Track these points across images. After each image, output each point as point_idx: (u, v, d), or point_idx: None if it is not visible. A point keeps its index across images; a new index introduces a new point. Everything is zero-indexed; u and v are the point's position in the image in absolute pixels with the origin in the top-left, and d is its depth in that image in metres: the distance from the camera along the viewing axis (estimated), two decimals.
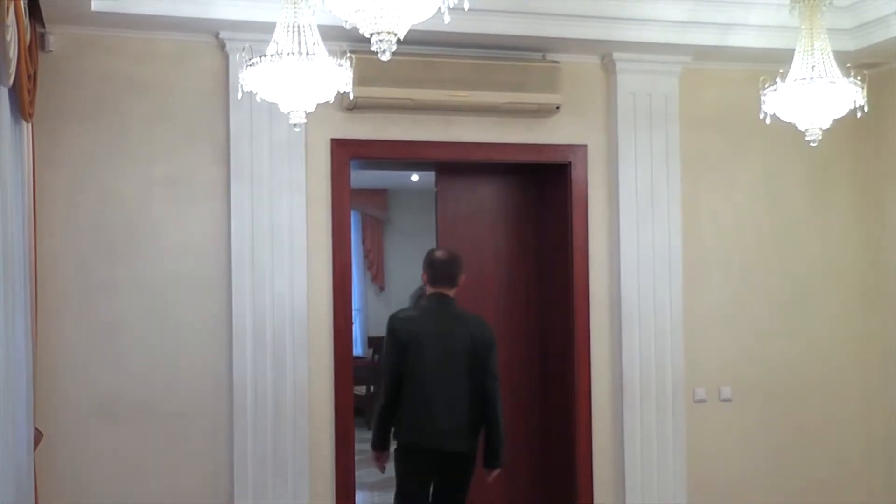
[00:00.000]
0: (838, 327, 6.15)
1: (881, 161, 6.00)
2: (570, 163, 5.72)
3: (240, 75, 3.69)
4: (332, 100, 3.85)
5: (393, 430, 4.96)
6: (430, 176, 8.86)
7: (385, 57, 2.97)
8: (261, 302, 5.14)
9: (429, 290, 5.03)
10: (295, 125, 3.85)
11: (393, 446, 5.03)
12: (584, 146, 5.73)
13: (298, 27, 3.61)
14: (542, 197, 6.17)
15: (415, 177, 10.90)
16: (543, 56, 5.58)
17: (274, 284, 5.15)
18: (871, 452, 6.12)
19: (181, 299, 5.11)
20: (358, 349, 12.21)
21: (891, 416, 6.01)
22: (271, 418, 5.13)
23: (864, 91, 4.04)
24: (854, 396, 6.17)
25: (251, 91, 3.72)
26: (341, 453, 5.35)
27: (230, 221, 5.13)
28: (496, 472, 5.00)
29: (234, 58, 4.91)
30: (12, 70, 3.58)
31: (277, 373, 5.15)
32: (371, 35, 2.95)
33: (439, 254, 5.13)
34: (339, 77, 3.67)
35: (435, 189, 6.50)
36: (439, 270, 5.02)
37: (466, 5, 2.82)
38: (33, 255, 4.48)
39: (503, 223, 6.40)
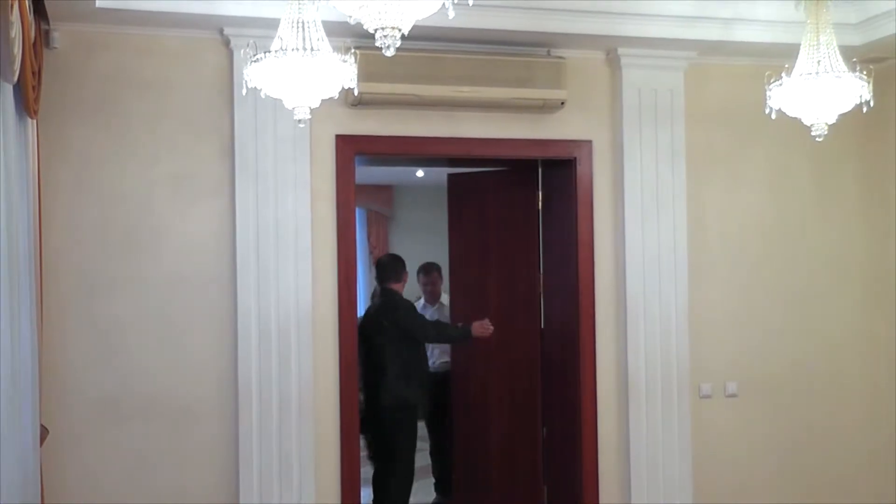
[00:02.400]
0: (844, 322, 6.14)
1: (887, 156, 5.99)
2: (575, 158, 5.71)
3: (244, 71, 3.68)
4: (336, 96, 3.84)
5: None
6: (436, 172, 9.01)
7: (389, 53, 2.97)
8: (266, 299, 5.13)
9: (380, 287, 6.69)
10: (300, 121, 3.84)
11: None
12: (590, 142, 5.72)
13: (303, 23, 3.60)
14: (547, 192, 6.16)
15: (420, 173, 10.89)
16: (548, 51, 5.57)
17: (279, 281, 5.15)
18: (877, 446, 6.11)
19: (186, 296, 5.11)
20: None
21: None
22: (276, 415, 5.12)
23: (870, 86, 4.03)
24: (860, 392, 6.16)
25: (255, 87, 3.72)
26: (346, 450, 5.34)
27: (235, 218, 5.12)
28: (478, 331, 6.25)
29: (239, 54, 4.91)
30: (16, 67, 3.59)
31: (283, 369, 5.14)
32: (375, 31, 2.94)
33: (384, 259, 6.96)
34: (343, 73, 3.66)
35: (447, 185, 6.62)
36: (383, 271, 6.67)
37: (471, 1, 2.81)
38: (38, 252, 4.48)
39: (508, 219, 6.41)
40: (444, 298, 7.58)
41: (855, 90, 4.02)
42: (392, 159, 6.76)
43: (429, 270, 7.78)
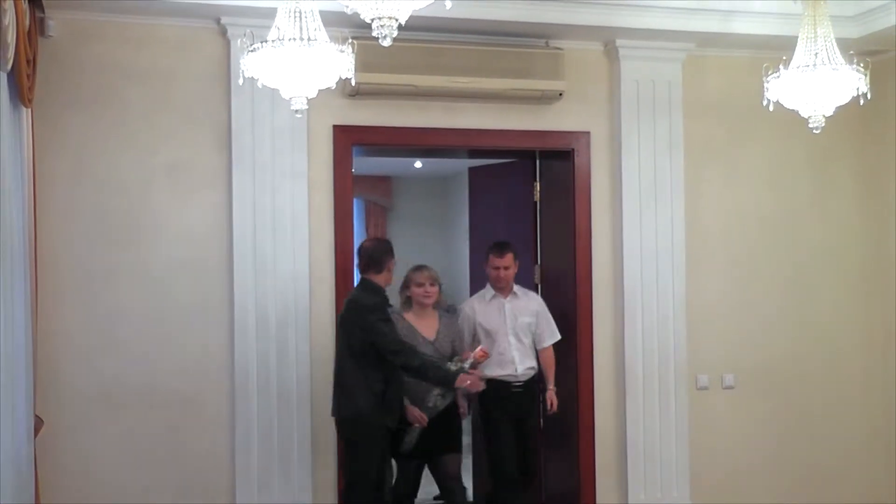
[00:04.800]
0: (841, 314, 6.14)
1: (883, 148, 5.98)
2: (573, 149, 5.70)
3: (241, 61, 3.68)
4: (333, 86, 3.84)
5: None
6: (435, 163, 9.02)
7: (386, 42, 2.97)
8: (263, 289, 5.12)
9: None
10: (297, 111, 3.84)
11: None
12: (588, 133, 5.71)
13: (300, 13, 3.59)
14: (545, 184, 6.15)
15: (418, 164, 10.86)
16: (547, 43, 5.55)
17: (276, 271, 5.14)
18: (873, 439, 6.12)
19: (182, 287, 5.10)
20: None
21: (893, 402, 6.00)
22: (275, 405, 5.13)
23: (867, 78, 4.04)
24: (856, 383, 6.16)
25: (252, 77, 3.71)
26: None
27: (232, 208, 5.11)
28: (465, 383, 5.00)
29: (236, 44, 4.89)
30: (10, 55, 3.58)
31: (280, 361, 5.14)
32: (372, 20, 2.94)
33: (366, 243, 5.31)
34: (340, 63, 3.66)
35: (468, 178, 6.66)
36: (363, 258, 5.14)
37: None
38: (33, 242, 4.47)
39: (507, 210, 6.40)
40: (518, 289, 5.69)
41: (852, 83, 4.03)
42: (389, 150, 6.75)
43: (503, 250, 5.59)
